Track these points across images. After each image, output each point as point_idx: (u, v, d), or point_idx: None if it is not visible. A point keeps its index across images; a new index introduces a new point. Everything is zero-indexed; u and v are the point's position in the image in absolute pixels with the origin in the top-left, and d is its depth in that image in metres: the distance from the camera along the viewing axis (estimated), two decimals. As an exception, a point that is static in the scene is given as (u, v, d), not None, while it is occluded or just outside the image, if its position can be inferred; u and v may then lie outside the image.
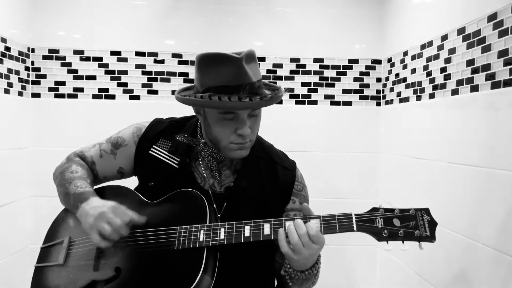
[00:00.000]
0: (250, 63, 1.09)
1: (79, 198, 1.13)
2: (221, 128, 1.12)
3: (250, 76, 1.07)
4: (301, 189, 1.26)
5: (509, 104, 1.25)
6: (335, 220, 1.03)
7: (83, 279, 1.10)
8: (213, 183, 1.21)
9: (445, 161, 1.59)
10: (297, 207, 1.23)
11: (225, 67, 1.06)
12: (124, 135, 1.28)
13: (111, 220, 1.05)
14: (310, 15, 2.24)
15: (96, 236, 1.06)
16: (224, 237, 1.04)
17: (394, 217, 1.02)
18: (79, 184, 1.17)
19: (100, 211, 1.06)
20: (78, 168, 1.23)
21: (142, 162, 1.24)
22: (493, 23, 1.33)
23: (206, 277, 1.02)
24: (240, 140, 1.12)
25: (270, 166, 1.24)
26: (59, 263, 1.15)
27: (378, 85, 2.27)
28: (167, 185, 1.17)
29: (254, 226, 1.05)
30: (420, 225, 1.00)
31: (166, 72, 2.19)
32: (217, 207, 1.17)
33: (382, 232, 1.00)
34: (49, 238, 1.23)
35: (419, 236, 0.99)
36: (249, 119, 1.12)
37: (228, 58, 1.06)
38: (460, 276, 1.47)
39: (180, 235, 1.07)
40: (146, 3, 2.18)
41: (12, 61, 1.98)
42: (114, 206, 1.08)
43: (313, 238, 1.00)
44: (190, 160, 1.22)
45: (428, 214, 1.02)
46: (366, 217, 1.03)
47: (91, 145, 1.31)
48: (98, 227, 1.05)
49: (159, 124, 1.28)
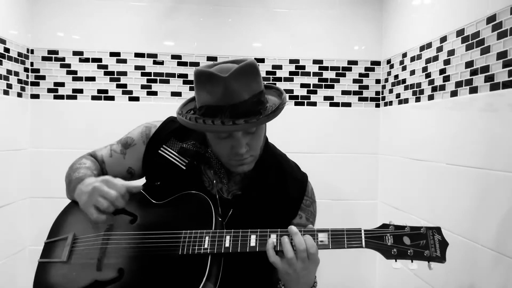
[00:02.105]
0: (244, 78, 1.03)
1: (77, 182, 1.13)
2: (218, 146, 1.11)
3: (239, 95, 1.02)
4: (309, 204, 1.24)
5: (508, 105, 1.25)
6: (343, 235, 1.02)
7: (85, 278, 1.09)
8: (221, 188, 1.19)
9: (444, 163, 1.59)
10: (303, 223, 1.21)
11: (214, 86, 1.03)
12: (133, 135, 1.28)
13: (106, 194, 1.03)
14: (309, 17, 2.24)
15: (93, 211, 1.04)
16: (229, 245, 1.03)
17: (404, 235, 0.99)
18: (82, 171, 1.17)
19: (93, 186, 1.05)
20: (87, 161, 1.24)
21: (150, 162, 1.23)
22: (492, 24, 1.33)
23: (209, 285, 1.01)
24: (238, 157, 1.10)
25: (280, 177, 1.22)
26: (62, 260, 1.14)
27: (377, 86, 2.27)
28: (173, 186, 1.16)
29: (260, 235, 1.03)
30: (430, 245, 0.98)
31: (165, 73, 2.19)
32: (223, 213, 1.15)
33: (391, 250, 0.98)
34: (54, 232, 1.22)
35: (429, 256, 0.97)
36: (245, 136, 1.09)
37: (216, 78, 1.02)
38: (459, 278, 1.47)
39: (185, 240, 1.05)
40: (145, 4, 2.18)
41: (11, 62, 1.98)
42: (105, 178, 1.06)
43: (310, 256, 0.98)
44: (199, 162, 1.21)
45: (439, 233, 0.99)
46: (375, 233, 1.01)
47: (103, 146, 1.32)
48: (93, 201, 1.04)
49: (172, 123, 1.27)
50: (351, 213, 2.25)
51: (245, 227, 1.05)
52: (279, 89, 1.20)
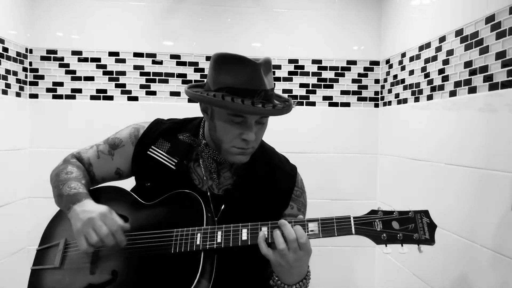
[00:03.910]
0: (266, 71, 1.09)
1: (71, 200, 1.12)
2: (226, 130, 1.11)
3: (266, 83, 1.07)
4: (299, 195, 1.25)
5: (506, 105, 1.25)
6: (333, 223, 1.02)
7: (79, 283, 1.10)
8: (212, 185, 1.20)
9: (443, 162, 1.60)
10: (294, 213, 1.22)
11: (243, 69, 1.05)
12: (122, 136, 1.27)
13: (98, 229, 1.03)
14: (308, 17, 2.24)
15: (83, 242, 1.04)
16: (221, 241, 1.03)
17: (393, 220, 1.01)
18: (73, 185, 1.16)
19: (89, 217, 1.05)
20: (74, 169, 1.22)
21: (139, 163, 1.23)
22: (491, 24, 1.33)
23: (203, 281, 1.01)
24: (243, 145, 1.11)
25: (270, 170, 1.23)
26: (55, 266, 1.14)
27: (376, 86, 2.27)
28: (163, 186, 1.16)
29: (252, 229, 1.04)
30: (419, 228, 0.99)
31: (164, 73, 2.19)
32: (215, 210, 1.16)
33: (381, 235, 0.99)
34: (45, 239, 1.22)
35: (418, 239, 0.98)
36: (256, 125, 1.11)
37: (247, 61, 1.06)
38: (458, 277, 1.47)
39: (177, 238, 1.06)
40: (144, 4, 2.18)
41: (10, 62, 1.98)
42: (103, 213, 1.06)
43: (302, 246, 0.99)
44: (188, 161, 1.21)
45: (427, 216, 1.01)
46: (364, 220, 1.02)
47: (89, 146, 1.30)
48: (84, 232, 1.04)
49: (160, 124, 1.27)
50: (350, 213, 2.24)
51: (238, 221, 1.06)
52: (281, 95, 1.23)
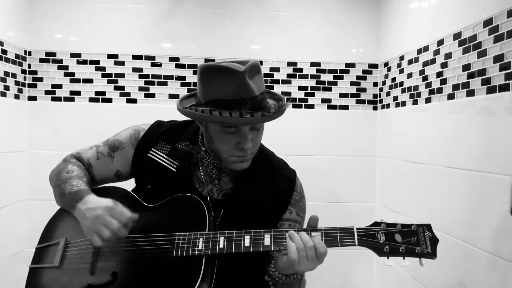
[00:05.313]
0: (253, 75, 1.07)
1: (74, 198, 1.12)
2: (222, 141, 1.11)
3: (253, 89, 1.05)
4: (299, 199, 1.25)
5: (504, 108, 1.26)
6: (336, 233, 1.03)
7: (79, 283, 1.09)
8: (212, 189, 1.20)
9: (441, 165, 1.60)
10: (293, 218, 1.22)
11: (228, 80, 1.04)
12: (122, 138, 1.27)
13: (108, 223, 1.04)
14: (307, 19, 2.24)
15: (97, 239, 1.05)
16: (223, 246, 1.03)
17: (395, 232, 1.01)
18: (74, 183, 1.15)
19: (96, 214, 1.05)
20: (74, 168, 1.22)
21: (140, 165, 1.23)
22: (489, 28, 1.34)
23: (204, 286, 1.01)
24: (241, 153, 1.11)
25: (269, 174, 1.23)
26: (54, 265, 1.13)
27: (374, 89, 2.28)
28: (164, 189, 1.16)
29: (254, 236, 1.04)
30: (421, 242, 1.00)
31: (163, 75, 2.19)
32: (215, 214, 1.16)
33: (383, 247, 1.00)
34: (45, 238, 1.21)
35: (420, 253, 0.99)
36: (251, 132, 1.11)
37: (231, 71, 1.03)
38: (456, 280, 1.47)
39: (179, 242, 1.06)
40: (143, 7, 2.18)
41: (9, 64, 1.97)
42: (109, 206, 1.06)
43: (319, 256, 0.99)
44: (189, 165, 1.21)
45: (429, 230, 1.01)
46: (367, 231, 1.02)
47: (88, 147, 1.30)
48: (95, 229, 1.04)
49: (160, 127, 1.27)
50: (349, 215, 2.25)
51: (237, 226, 1.06)
52: (275, 93, 1.22)
